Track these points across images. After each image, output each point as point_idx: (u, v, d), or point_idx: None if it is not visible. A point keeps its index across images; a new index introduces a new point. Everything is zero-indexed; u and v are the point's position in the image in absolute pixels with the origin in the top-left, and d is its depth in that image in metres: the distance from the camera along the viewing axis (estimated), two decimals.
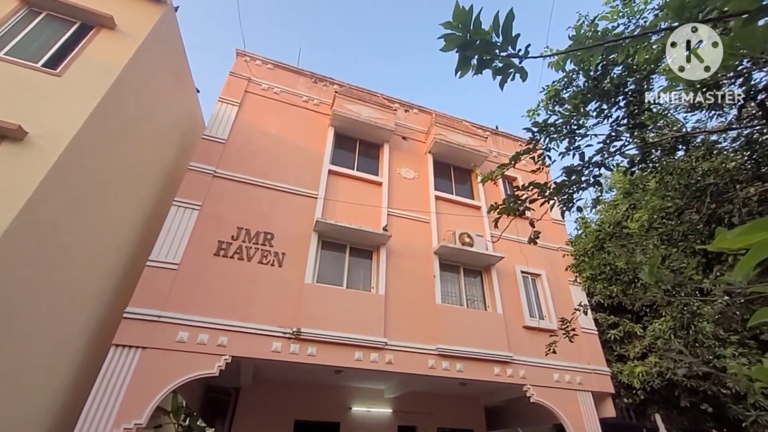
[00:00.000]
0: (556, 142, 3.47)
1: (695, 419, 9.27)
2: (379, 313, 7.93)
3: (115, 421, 5.43)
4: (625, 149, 3.39)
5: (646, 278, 2.02)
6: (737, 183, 3.63)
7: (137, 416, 5.55)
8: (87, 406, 5.41)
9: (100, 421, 5.37)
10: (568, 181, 3.22)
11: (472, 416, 11.26)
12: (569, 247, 10.92)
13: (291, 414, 9.60)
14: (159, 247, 6.96)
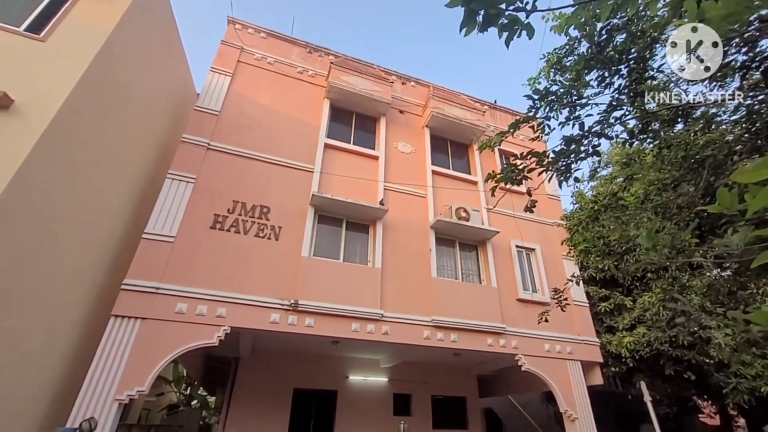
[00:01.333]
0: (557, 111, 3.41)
1: (678, 387, 9.66)
2: (376, 285, 8.02)
3: (118, 388, 5.55)
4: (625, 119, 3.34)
5: (643, 242, 2.03)
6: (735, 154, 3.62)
7: (139, 383, 5.68)
8: (90, 374, 5.51)
9: (104, 388, 5.49)
10: (567, 150, 3.19)
11: (465, 385, 11.64)
12: (564, 222, 10.99)
13: (290, 382, 9.87)
14: (154, 220, 6.91)
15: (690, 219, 3.70)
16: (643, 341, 8.18)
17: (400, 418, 6.37)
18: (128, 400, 5.63)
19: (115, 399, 5.49)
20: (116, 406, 5.49)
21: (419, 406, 10.84)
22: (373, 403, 10.39)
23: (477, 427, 11.25)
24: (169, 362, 6.37)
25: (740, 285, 7.96)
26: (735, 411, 12.70)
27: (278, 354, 9.91)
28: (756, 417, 11.55)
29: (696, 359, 8.81)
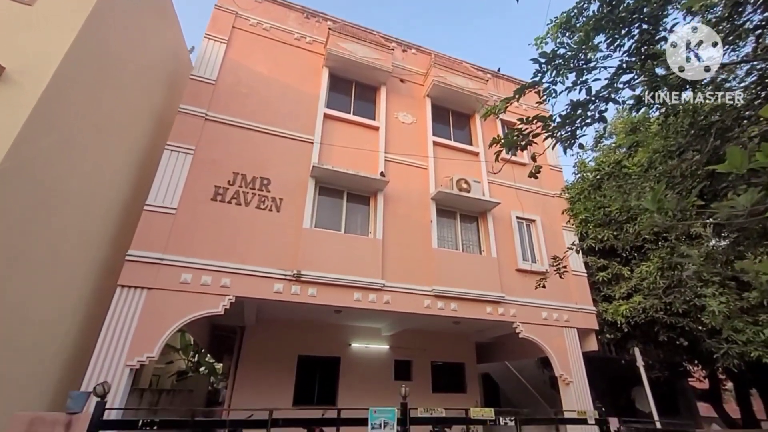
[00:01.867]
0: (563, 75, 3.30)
1: (670, 352, 9.95)
2: (377, 256, 8.10)
3: (128, 355, 5.72)
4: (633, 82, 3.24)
5: (648, 205, 2.02)
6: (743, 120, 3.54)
7: (149, 350, 5.84)
8: (100, 341, 5.66)
9: (114, 355, 5.66)
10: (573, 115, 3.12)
11: (464, 351, 12.00)
12: (565, 193, 10.96)
13: (294, 350, 10.16)
14: (155, 192, 6.89)
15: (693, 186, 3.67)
16: (638, 308, 8.35)
17: (400, 383, 6.58)
18: (139, 365, 5.80)
19: (126, 365, 5.66)
20: (127, 372, 5.68)
21: (419, 372, 11.21)
22: (374, 369, 10.74)
23: (475, 391, 11.69)
24: (177, 331, 6.52)
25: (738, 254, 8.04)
26: (723, 375, 13.15)
27: (282, 322, 10.15)
28: (743, 380, 11.97)
29: (689, 326, 9.02)
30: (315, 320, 10.20)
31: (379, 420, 5.89)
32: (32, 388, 5.33)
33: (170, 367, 12.86)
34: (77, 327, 6.23)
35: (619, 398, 12.82)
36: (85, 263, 6.37)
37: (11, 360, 4.89)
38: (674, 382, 13.11)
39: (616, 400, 12.35)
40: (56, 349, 5.81)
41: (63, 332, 5.91)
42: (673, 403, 13.24)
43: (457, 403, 10.28)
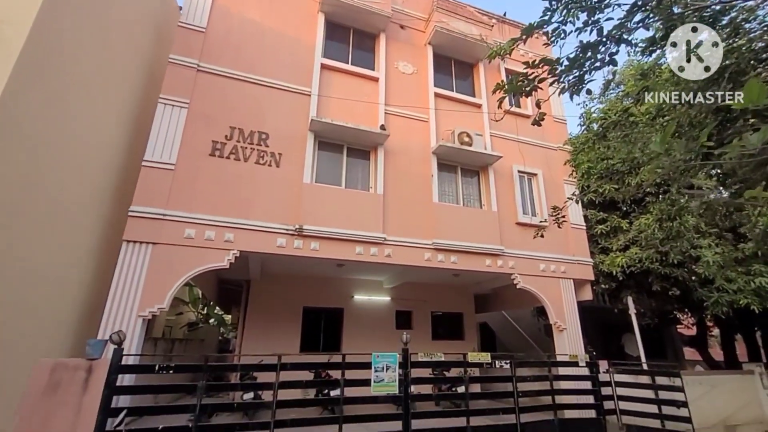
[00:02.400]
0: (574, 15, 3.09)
1: (662, 301, 10.30)
2: (378, 211, 8.13)
3: (139, 306, 5.94)
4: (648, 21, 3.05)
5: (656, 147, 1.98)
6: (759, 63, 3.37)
7: (159, 302, 6.05)
8: (111, 294, 5.86)
9: (126, 306, 5.88)
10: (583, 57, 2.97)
11: (463, 302, 12.44)
12: (568, 146, 10.78)
13: (299, 302, 10.54)
14: (152, 147, 6.79)
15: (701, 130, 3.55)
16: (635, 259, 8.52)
17: (402, 331, 6.88)
18: (150, 316, 6.05)
19: (138, 315, 5.90)
20: (140, 322, 5.92)
21: (420, 321, 11.70)
22: (376, 319, 11.20)
23: (472, 339, 12.26)
24: (185, 284, 6.72)
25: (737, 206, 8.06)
26: (711, 323, 13.72)
27: (287, 276, 10.43)
28: (730, 327, 12.50)
29: (683, 276, 9.25)
30: (318, 274, 10.46)
31: (381, 364, 6.23)
32: (51, 338, 5.59)
33: (181, 319, 13.41)
34: (88, 280, 6.41)
35: (610, 344, 13.47)
36: (89, 218, 6.41)
37: (25, 311, 5.07)
38: (663, 329, 13.70)
39: (607, 346, 12.99)
40: (70, 301, 6.02)
41: (75, 284, 6.09)
42: (661, 348, 13.93)
43: (456, 350, 10.82)
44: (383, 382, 6.10)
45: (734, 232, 9.62)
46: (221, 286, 12.04)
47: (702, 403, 8.02)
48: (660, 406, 7.22)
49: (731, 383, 9.15)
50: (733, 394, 8.85)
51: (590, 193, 9.10)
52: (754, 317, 10.41)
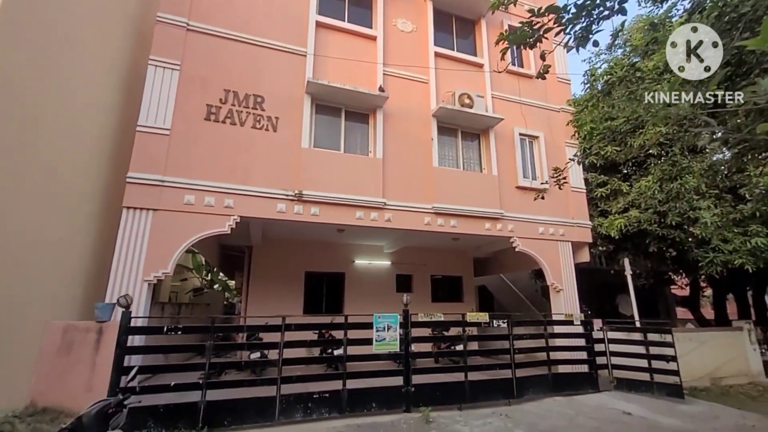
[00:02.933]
0: None
1: (658, 262, 10.46)
2: (377, 175, 8.07)
3: (144, 271, 6.03)
4: None
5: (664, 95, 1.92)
6: None
7: (163, 267, 6.14)
8: (115, 259, 5.94)
9: (131, 271, 5.97)
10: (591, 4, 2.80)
11: (462, 266, 12.63)
12: (571, 107, 10.53)
13: (301, 267, 10.70)
14: (145, 112, 6.64)
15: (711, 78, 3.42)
16: (633, 221, 8.56)
17: (402, 294, 7.04)
18: (155, 281, 6.16)
19: (143, 280, 6.00)
20: (146, 286, 6.04)
21: (419, 285, 11.94)
22: (377, 283, 11.42)
23: (471, 301, 12.57)
24: (188, 251, 6.78)
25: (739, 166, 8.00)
26: (704, 283, 14.02)
27: (288, 242, 10.52)
28: (722, 287, 12.79)
29: (680, 237, 9.34)
30: (319, 239, 10.55)
31: (383, 324, 6.43)
32: (59, 302, 5.72)
33: (186, 285, 13.70)
34: (92, 246, 6.47)
35: (604, 304, 13.84)
36: (87, 185, 6.37)
37: (31, 277, 5.15)
38: (657, 290, 14.02)
39: (602, 306, 13.35)
40: (75, 266, 6.10)
41: (78, 249, 6.15)
42: (654, 308, 14.33)
43: (455, 311, 11.11)
44: (385, 341, 6.33)
45: (734, 193, 9.62)
46: (223, 252, 12.18)
47: (691, 358, 8.35)
48: (650, 361, 7.53)
49: (720, 339, 9.49)
50: (721, 349, 9.20)
51: (591, 156, 8.99)
52: (747, 277, 10.62)
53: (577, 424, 5.60)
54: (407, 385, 6.11)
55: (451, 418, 5.73)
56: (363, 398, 5.90)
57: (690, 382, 7.91)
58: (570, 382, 7.47)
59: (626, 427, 5.58)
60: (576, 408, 6.44)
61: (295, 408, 5.49)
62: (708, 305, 18.78)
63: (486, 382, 6.79)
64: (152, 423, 4.74)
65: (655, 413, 6.25)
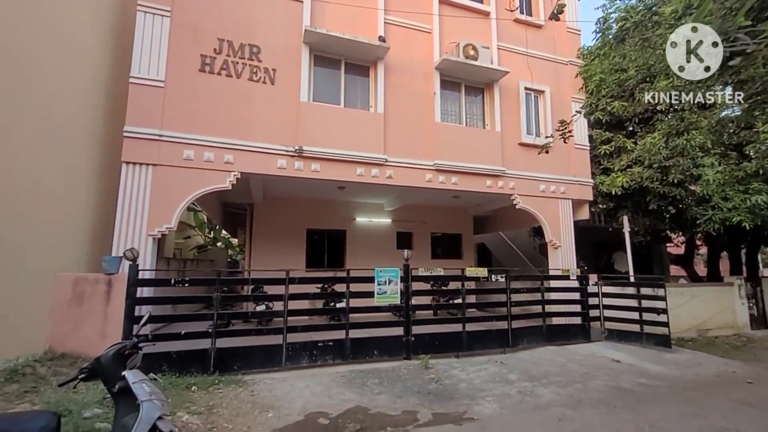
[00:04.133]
0: None
1: (656, 220, 10.54)
2: (379, 131, 7.91)
3: (148, 226, 6.08)
4: None
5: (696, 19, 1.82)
6: None
7: (166, 221, 6.19)
8: (119, 214, 5.97)
9: (135, 226, 6.02)
10: None
11: (461, 223, 12.75)
12: (580, 60, 10.10)
13: (302, 224, 10.79)
14: (137, 62, 6.38)
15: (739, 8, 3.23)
16: (636, 178, 8.51)
17: (403, 251, 7.16)
18: (159, 235, 6.23)
19: (148, 234, 6.07)
20: (150, 241, 6.12)
21: (419, 242, 12.11)
22: (378, 241, 11.58)
23: (470, 258, 12.81)
24: (190, 209, 6.79)
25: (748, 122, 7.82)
26: (700, 241, 14.22)
27: (289, 199, 10.53)
28: (717, 244, 12.99)
29: (680, 195, 9.34)
30: (320, 196, 10.55)
31: (384, 278, 6.60)
32: (66, 254, 5.82)
33: (189, 242, 13.90)
34: (94, 200, 6.47)
35: (600, 261, 14.13)
36: (83, 138, 6.26)
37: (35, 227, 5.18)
38: (652, 248, 14.24)
39: (598, 263, 13.63)
40: (79, 220, 6.13)
41: (81, 204, 6.16)
42: (649, 265, 14.63)
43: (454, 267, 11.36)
44: (386, 294, 6.53)
45: (739, 150, 9.49)
46: (226, 209, 12.22)
47: (681, 311, 8.67)
48: (641, 314, 7.82)
49: (711, 294, 9.80)
50: (711, 303, 9.52)
51: (598, 111, 8.75)
52: (743, 235, 10.73)
53: (568, 370, 5.92)
54: (407, 335, 6.38)
55: (449, 365, 6.05)
56: (365, 346, 6.18)
57: (678, 334, 8.26)
58: (563, 333, 7.79)
59: (614, 372, 5.90)
60: (568, 356, 6.77)
61: (301, 355, 5.78)
62: (702, 263, 19.20)
63: (483, 333, 7.09)
64: (166, 367, 5.00)
65: (643, 360, 6.59)
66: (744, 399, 4.86)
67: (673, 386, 5.34)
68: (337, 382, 5.13)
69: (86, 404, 3.66)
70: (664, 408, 4.45)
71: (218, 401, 4.33)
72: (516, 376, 5.59)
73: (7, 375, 4.20)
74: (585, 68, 9.54)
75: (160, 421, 2.39)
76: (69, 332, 5.00)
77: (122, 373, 2.52)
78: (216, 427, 3.68)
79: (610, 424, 3.94)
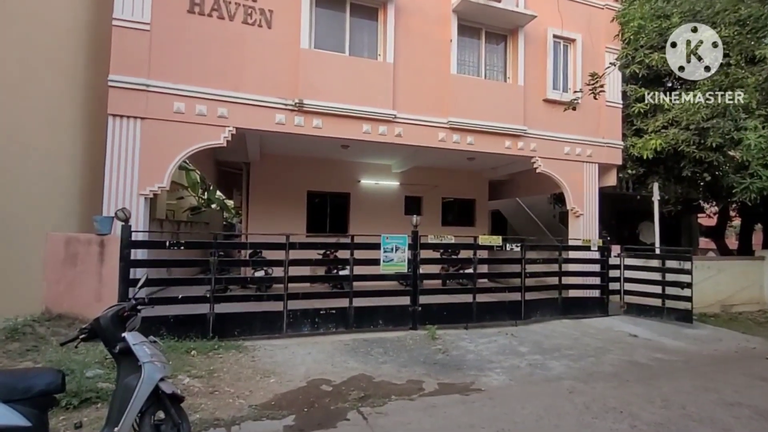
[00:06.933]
0: None
1: (689, 188, 10.40)
2: (387, 83, 7.72)
3: (139, 185, 6.15)
4: None
5: None
6: None
7: (158, 180, 6.26)
8: (107, 172, 6.04)
9: (126, 185, 6.09)
10: None
11: (476, 188, 12.71)
12: (617, 4, 9.57)
13: (303, 185, 10.83)
14: (120, 2, 6.17)
15: None
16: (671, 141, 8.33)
17: (411, 217, 7.21)
18: (151, 195, 6.33)
19: (139, 194, 6.16)
20: (142, 201, 6.22)
21: (429, 207, 12.15)
22: (384, 204, 11.62)
23: (483, 225, 12.89)
24: (182, 168, 6.80)
25: None
26: (734, 213, 14.09)
27: (288, 158, 10.49)
28: (752, 215, 12.88)
29: (718, 161, 9.16)
30: (322, 155, 10.50)
31: (391, 245, 6.69)
32: (57, 214, 5.95)
33: (182, 203, 14.05)
34: (82, 155, 6.51)
35: (625, 231, 14.13)
36: (67, 87, 6.21)
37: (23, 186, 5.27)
38: (682, 218, 14.16)
39: (622, 233, 13.64)
40: (68, 176, 6.22)
41: (67, 159, 6.22)
42: (677, 237, 14.62)
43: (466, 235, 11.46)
44: (392, 262, 6.65)
45: None
46: (220, 168, 12.24)
47: (705, 285, 8.75)
48: (664, 288, 7.93)
49: (738, 268, 9.86)
50: (738, 277, 9.60)
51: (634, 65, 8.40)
52: None
53: (581, 344, 6.12)
54: (414, 305, 6.57)
55: (457, 336, 6.27)
56: (370, 315, 6.40)
57: (700, 309, 8.41)
58: (579, 306, 7.97)
59: (630, 347, 6.09)
60: (582, 330, 6.97)
61: (302, 322, 6.01)
62: (733, 236, 19.13)
63: (494, 304, 7.28)
64: (165, 331, 5.23)
65: (661, 336, 6.77)
66: (761, 374, 5.03)
67: (689, 361, 5.53)
68: (340, 351, 5.36)
69: (88, 364, 3.90)
70: (677, 382, 4.63)
71: (219, 366, 4.57)
72: (527, 348, 5.79)
73: (8, 333, 4.47)
74: (623, 12, 9.06)
75: (162, 382, 2.55)
76: (64, 293, 5.22)
77: (122, 335, 2.66)
78: (218, 391, 3.91)
79: (621, 397, 4.12)
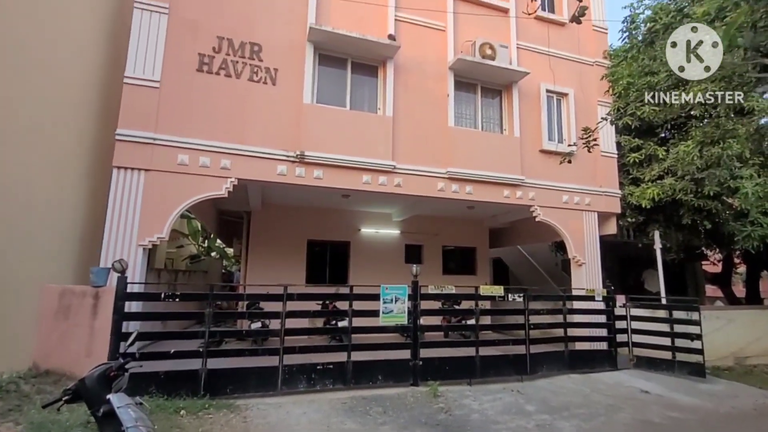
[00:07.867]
0: None
1: (690, 235, 10.42)
2: (387, 135, 7.99)
3: (138, 236, 6.18)
4: None
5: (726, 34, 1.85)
6: None
7: (158, 231, 6.29)
8: (108, 222, 6.09)
9: (125, 235, 6.13)
10: None
11: (476, 236, 12.73)
12: (606, 60, 10.13)
13: (303, 234, 10.86)
14: (132, 61, 6.55)
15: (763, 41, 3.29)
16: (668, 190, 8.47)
17: (411, 266, 7.17)
18: (150, 245, 6.34)
19: (138, 245, 6.17)
20: (141, 251, 6.22)
21: (430, 256, 12.10)
22: (385, 253, 11.59)
23: (485, 274, 12.77)
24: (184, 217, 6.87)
25: None
26: (739, 259, 13.99)
27: (289, 207, 10.62)
28: (757, 263, 12.79)
29: (716, 209, 9.25)
30: (323, 205, 10.63)
31: (391, 296, 6.60)
32: (54, 265, 5.93)
33: (182, 252, 14.06)
34: (83, 207, 6.60)
35: (629, 280, 13.96)
36: (74, 142, 6.42)
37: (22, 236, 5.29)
38: (686, 266, 14.05)
39: (626, 282, 13.47)
40: (68, 227, 6.25)
41: (70, 210, 6.29)
42: (683, 285, 14.41)
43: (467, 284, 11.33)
44: (392, 314, 6.51)
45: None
46: (221, 217, 12.37)
47: (716, 336, 8.51)
48: (673, 340, 7.71)
49: (749, 317, 9.62)
50: (749, 327, 9.34)
51: (626, 117, 8.75)
52: None
53: (591, 401, 5.85)
54: (415, 359, 6.36)
55: (460, 393, 6.01)
56: (368, 371, 6.17)
57: (713, 362, 8.11)
58: (587, 360, 7.70)
59: (642, 404, 5.81)
60: (591, 385, 6.69)
61: (299, 378, 5.78)
62: (740, 283, 18.86)
63: (498, 358, 7.04)
64: (154, 389, 5.03)
65: (673, 391, 6.48)
66: None
67: (705, 420, 5.26)
68: (337, 410, 5.12)
69: (70, 427, 3.72)
70: None
71: (208, 427, 4.35)
72: (534, 407, 5.53)
73: None
74: (612, 71, 9.57)
75: None
76: (54, 347, 5.09)
77: (107, 396, 2.57)
78: None
79: None
